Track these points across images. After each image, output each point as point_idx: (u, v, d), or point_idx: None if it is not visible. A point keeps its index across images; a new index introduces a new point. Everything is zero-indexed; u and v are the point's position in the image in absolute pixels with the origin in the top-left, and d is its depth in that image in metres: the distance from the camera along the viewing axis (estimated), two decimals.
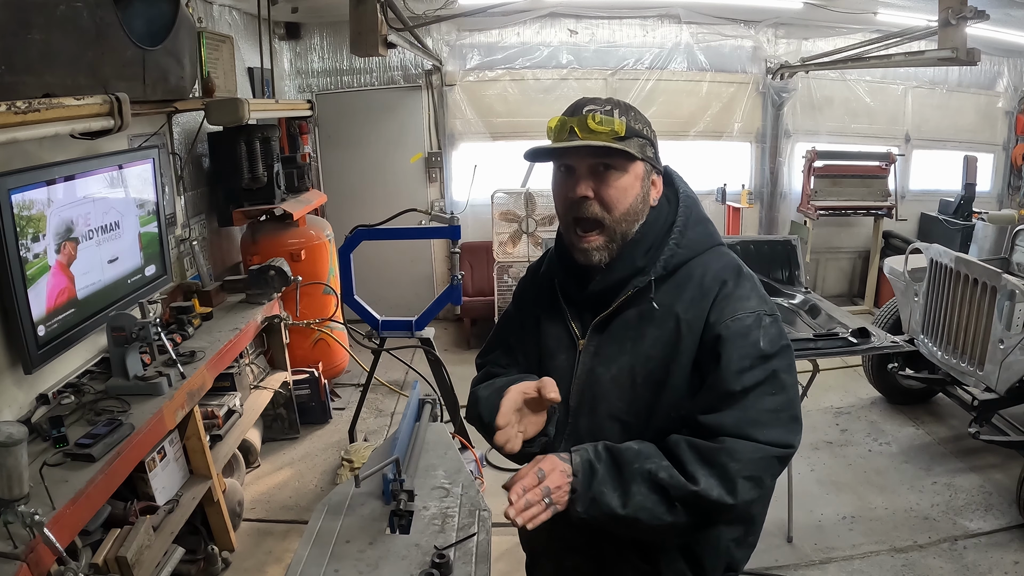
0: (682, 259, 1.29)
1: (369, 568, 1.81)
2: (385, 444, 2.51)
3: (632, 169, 1.25)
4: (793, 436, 1.22)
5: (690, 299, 1.26)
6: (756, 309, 1.24)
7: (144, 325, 2.61)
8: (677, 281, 1.28)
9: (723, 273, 1.27)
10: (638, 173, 1.26)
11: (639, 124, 1.27)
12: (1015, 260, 4.30)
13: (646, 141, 1.28)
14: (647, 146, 1.28)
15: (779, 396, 1.21)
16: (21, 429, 1.84)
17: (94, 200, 2.79)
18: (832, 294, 6.88)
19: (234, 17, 4.76)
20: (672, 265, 1.28)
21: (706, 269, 1.28)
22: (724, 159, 6.42)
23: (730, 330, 1.21)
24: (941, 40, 4.02)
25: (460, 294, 3.61)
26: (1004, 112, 6.83)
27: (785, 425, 1.21)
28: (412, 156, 6.14)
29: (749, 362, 1.20)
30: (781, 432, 1.20)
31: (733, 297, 1.24)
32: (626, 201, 1.25)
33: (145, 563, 2.38)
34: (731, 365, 1.19)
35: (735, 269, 1.29)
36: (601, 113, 1.23)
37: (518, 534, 1.51)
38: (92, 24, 2.37)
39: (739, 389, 1.18)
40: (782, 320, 1.30)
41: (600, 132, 1.21)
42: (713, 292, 1.25)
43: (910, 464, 3.90)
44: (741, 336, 1.21)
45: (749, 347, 1.20)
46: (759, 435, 1.17)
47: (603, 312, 1.32)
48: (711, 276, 1.27)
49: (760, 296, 1.27)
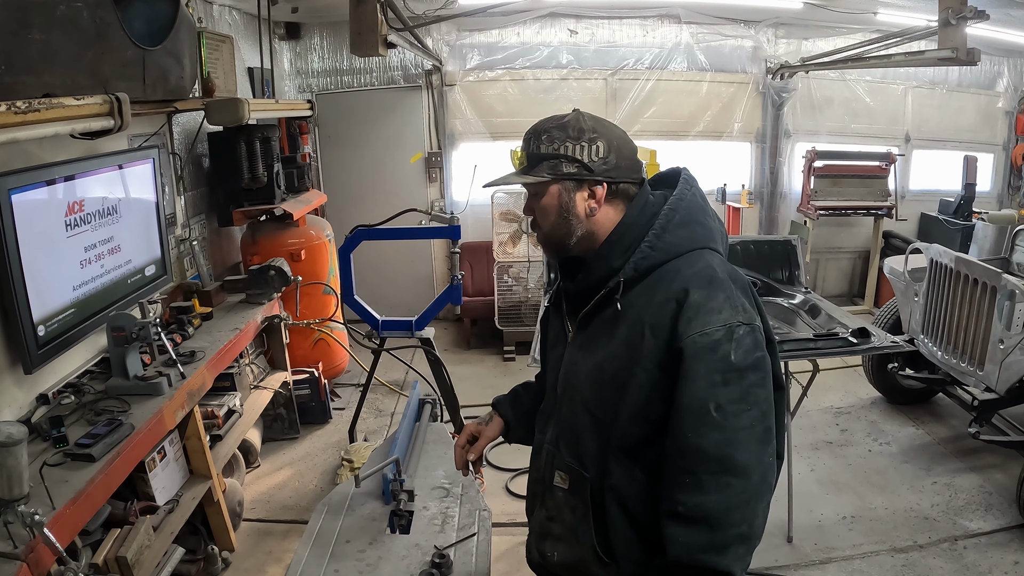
0: (655, 262, 1.30)
1: (369, 568, 1.81)
2: (385, 444, 2.52)
3: (547, 191, 1.34)
4: (765, 454, 1.23)
5: (657, 303, 1.26)
6: (727, 321, 1.21)
7: (144, 325, 2.61)
8: (649, 284, 1.29)
9: (692, 281, 1.25)
10: (553, 193, 1.34)
11: (553, 144, 1.32)
12: (1015, 260, 4.29)
13: (559, 160, 1.32)
14: (561, 163, 1.31)
15: (753, 410, 1.21)
16: (21, 429, 1.84)
17: (94, 199, 2.79)
18: (832, 294, 6.87)
19: (234, 17, 4.76)
20: (644, 267, 1.30)
21: (677, 274, 1.28)
22: (724, 159, 6.41)
23: (697, 345, 1.20)
24: (941, 40, 4.02)
25: (460, 294, 3.61)
26: (1004, 112, 6.83)
27: (759, 439, 1.21)
28: (412, 156, 6.14)
29: (720, 377, 1.19)
30: (757, 449, 1.21)
31: (703, 310, 1.22)
32: (548, 219, 1.36)
33: (145, 563, 2.38)
34: (700, 382, 1.19)
35: (707, 278, 1.26)
36: (521, 147, 1.38)
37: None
38: (92, 24, 2.37)
39: (712, 408, 1.18)
40: (781, 319, 1.31)
41: (520, 162, 1.38)
42: (678, 299, 1.24)
43: (910, 464, 3.90)
44: (709, 351, 1.19)
45: (718, 362, 1.19)
46: (739, 455, 1.18)
47: (584, 308, 1.38)
48: (679, 282, 1.26)
49: (734, 306, 1.24)
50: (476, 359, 5.65)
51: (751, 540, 1.21)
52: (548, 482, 1.44)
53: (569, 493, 1.39)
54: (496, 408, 1.70)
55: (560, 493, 1.42)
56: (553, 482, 1.43)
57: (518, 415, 1.67)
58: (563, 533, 1.43)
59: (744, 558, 1.21)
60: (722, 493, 1.18)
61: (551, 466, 1.44)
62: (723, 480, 1.18)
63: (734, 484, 1.18)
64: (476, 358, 5.67)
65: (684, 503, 1.19)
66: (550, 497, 1.45)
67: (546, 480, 1.45)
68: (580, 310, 1.39)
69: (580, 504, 1.37)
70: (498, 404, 1.71)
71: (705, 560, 1.18)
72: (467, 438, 1.65)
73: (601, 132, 1.32)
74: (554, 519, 1.45)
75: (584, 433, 1.36)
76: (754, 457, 1.20)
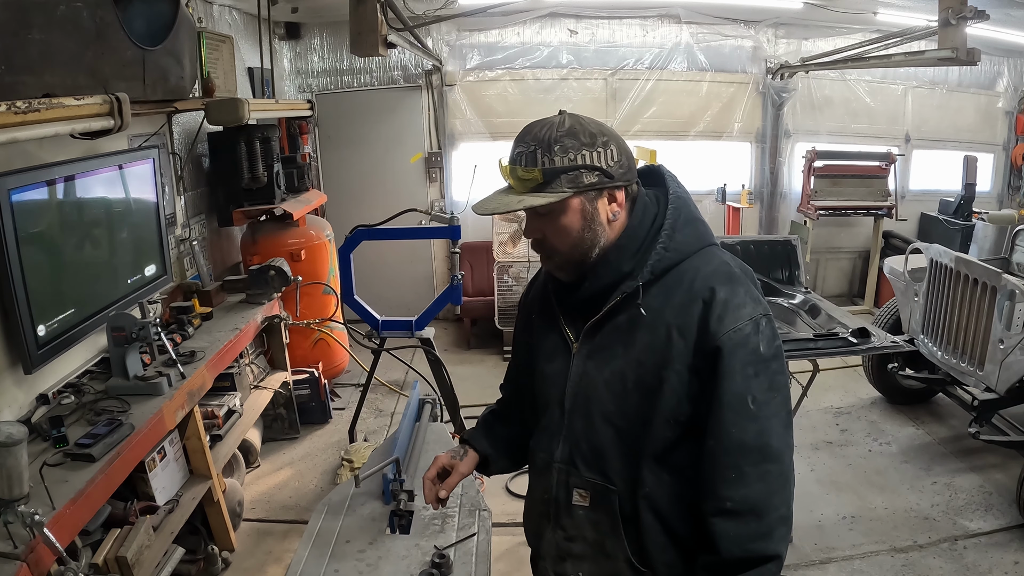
0: (671, 262, 1.27)
1: (369, 568, 1.81)
2: (385, 444, 2.51)
3: (568, 208, 1.25)
4: (790, 436, 1.27)
5: (680, 304, 1.24)
6: (752, 315, 1.23)
7: (144, 325, 2.61)
8: (666, 285, 1.27)
9: (713, 279, 1.25)
10: (575, 208, 1.25)
11: (568, 155, 1.22)
12: (1015, 260, 4.29)
13: (579, 170, 1.22)
14: (582, 174, 1.23)
15: (779, 396, 1.25)
16: (21, 429, 1.84)
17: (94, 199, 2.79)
18: (832, 294, 6.88)
19: (234, 17, 4.76)
20: (660, 269, 1.27)
21: (696, 273, 1.26)
22: (724, 159, 6.41)
23: (732, 342, 1.20)
24: (941, 40, 4.02)
25: (460, 294, 3.61)
26: (1004, 112, 6.84)
27: (784, 423, 1.26)
28: (412, 156, 6.14)
29: (753, 369, 1.21)
30: (783, 433, 1.25)
31: (730, 306, 1.22)
32: (568, 239, 1.27)
33: (145, 563, 2.38)
34: (736, 377, 1.20)
35: (726, 274, 1.27)
36: (525, 159, 1.23)
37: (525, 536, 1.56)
38: (92, 24, 2.37)
39: (750, 401, 1.21)
40: (781, 319, 1.31)
41: (526, 181, 1.23)
42: (704, 299, 1.23)
43: (910, 464, 3.90)
44: (741, 346, 1.21)
45: (750, 355, 1.21)
46: (773, 442, 1.22)
47: (594, 317, 1.31)
48: (701, 281, 1.25)
49: (754, 299, 1.26)
50: (476, 359, 5.65)
51: (790, 519, 1.26)
52: (563, 502, 1.38)
53: (590, 510, 1.34)
54: (470, 443, 1.60)
55: (580, 511, 1.36)
56: (571, 501, 1.36)
57: (497, 446, 1.59)
58: (586, 551, 1.38)
59: (786, 538, 1.26)
60: (763, 482, 1.21)
61: (566, 485, 1.37)
62: (763, 468, 1.21)
63: (772, 471, 1.22)
64: (476, 358, 5.67)
65: (732, 498, 1.21)
66: (567, 517, 1.38)
67: (560, 500, 1.38)
68: (584, 318, 1.33)
69: (606, 518, 1.33)
70: (471, 439, 1.61)
71: (755, 549, 1.21)
72: (438, 471, 1.54)
73: (607, 133, 1.27)
74: (574, 539, 1.38)
75: (607, 445, 1.31)
76: (783, 441, 1.25)
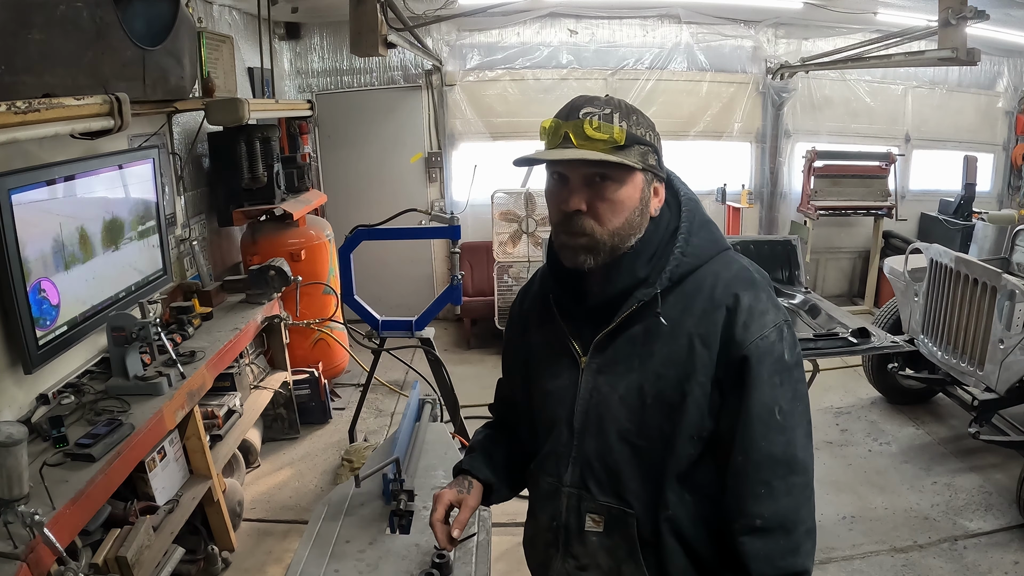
0: (688, 268, 1.19)
1: (369, 568, 1.81)
2: (385, 444, 2.51)
3: (631, 180, 1.15)
4: (811, 446, 1.21)
5: (701, 312, 1.17)
6: (775, 321, 1.17)
7: (144, 325, 2.61)
8: (684, 292, 1.19)
9: (736, 284, 1.18)
10: (637, 184, 1.16)
11: (641, 129, 1.15)
12: (1015, 260, 4.30)
13: (648, 148, 1.16)
14: (649, 153, 1.16)
15: (801, 405, 1.19)
16: (21, 429, 1.84)
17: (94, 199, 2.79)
18: (832, 294, 6.87)
19: (234, 17, 4.76)
20: (678, 275, 1.19)
21: (716, 279, 1.19)
22: (724, 159, 6.41)
23: (760, 350, 1.14)
24: (941, 40, 4.02)
25: (460, 294, 3.61)
26: (1004, 112, 6.83)
27: (806, 433, 1.20)
28: (412, 156, 6.14)
29: (779, 379, 1.16)
30: (807, 443, 1.19)
31: (755, 312, 1.16)
32: (622, 215, 1.16)
33: (145, 563, 2.38)
34: (764, 387, 1.14)
35: (748, 280, 1.20)
36: (599, 118, 1.11)
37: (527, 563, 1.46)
38: (92, 24, 2.37)
39: (777, 411, 1.15)
40: None
41: (597, 140, 1.11)
42: (728, 306, 1.16)
43: (910, 464, 3.90)
44: (768, 354, 1.15)
45: (776, 363, 1.15)
46: (799, 453, 1.16)
47: (605, 327, 1.21)
48: (723, 287, 1.18)
49: (775, 304, 1.20)
50: (476, 359, 5.65)
51: (815, 532, 1.19)
52: (575, 528, 1.27)
53: (604, 535, 1.24)
54: (470, 473, 1.44)
55: (594, 538, 1.25)
56: (583, 527, 1.26)
57: (499, 474, 1.45)
58: None
59: (813, 552, 1.18)
60: (791, 496, 1.15)
61: (577, 510, 1.26)
62: (790, 482, 1.15)
63: (798, 483, 1.16)
64: (476, 358, 5.67)
65: (762, 515, 1.14)
66: (579, 544, 1.27)
67: (571, 527, 1.28)
68: (592, 329, 1.23)
69: (622, 544, 1.23)
70: (472, 468, 1.45)
71: (785, 566, 1.14)
72: (445, 508, 1.38)
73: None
74: (587, 567, 1.28)
75: (624, 466, 1.21)
76: (806, 451, 1.18)
